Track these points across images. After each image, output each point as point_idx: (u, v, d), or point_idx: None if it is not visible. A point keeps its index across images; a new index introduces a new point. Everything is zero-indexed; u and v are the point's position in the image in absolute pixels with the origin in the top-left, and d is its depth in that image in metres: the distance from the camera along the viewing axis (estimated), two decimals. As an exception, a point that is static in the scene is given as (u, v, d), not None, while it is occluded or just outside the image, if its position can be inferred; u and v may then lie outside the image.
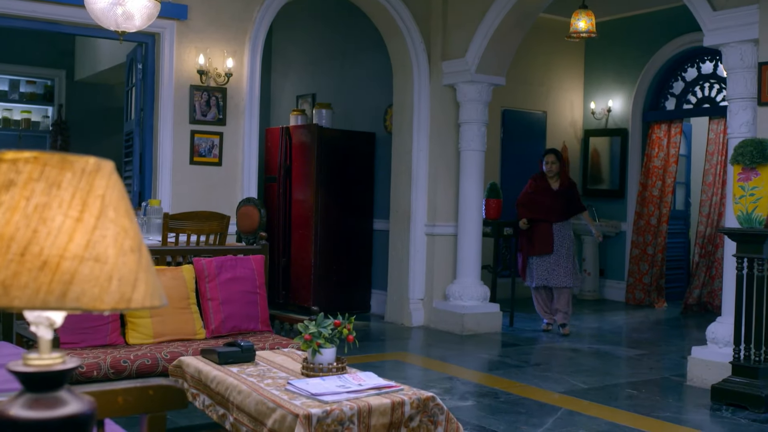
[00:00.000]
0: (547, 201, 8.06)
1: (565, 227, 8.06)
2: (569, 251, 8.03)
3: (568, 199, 8.12)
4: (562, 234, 8.01)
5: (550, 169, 8.15)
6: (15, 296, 1.13)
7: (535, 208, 8.11)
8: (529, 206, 8.18)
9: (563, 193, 8.14)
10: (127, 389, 1.75)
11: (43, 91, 11.94)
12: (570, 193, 8.17)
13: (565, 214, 8.08)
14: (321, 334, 3.43)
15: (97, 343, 4.36)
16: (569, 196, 8.16)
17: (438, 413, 3.19)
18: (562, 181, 8.19)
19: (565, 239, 8.01)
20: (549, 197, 8.08)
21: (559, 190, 8.15)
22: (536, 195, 8.16)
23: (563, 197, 8.10)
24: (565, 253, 7.97)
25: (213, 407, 3.46)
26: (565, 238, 8.01)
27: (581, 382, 6.00)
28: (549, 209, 8.03)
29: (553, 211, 8.02)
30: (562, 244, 7.98)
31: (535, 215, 8.08)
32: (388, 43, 8.62)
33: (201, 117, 7.27)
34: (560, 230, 8.01)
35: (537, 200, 8.12)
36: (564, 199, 8.08)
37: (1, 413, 1.21)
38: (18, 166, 1.20)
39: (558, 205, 8.04)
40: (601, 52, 10.82)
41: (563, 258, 7.95)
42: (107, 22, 5.14)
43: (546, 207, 8.05)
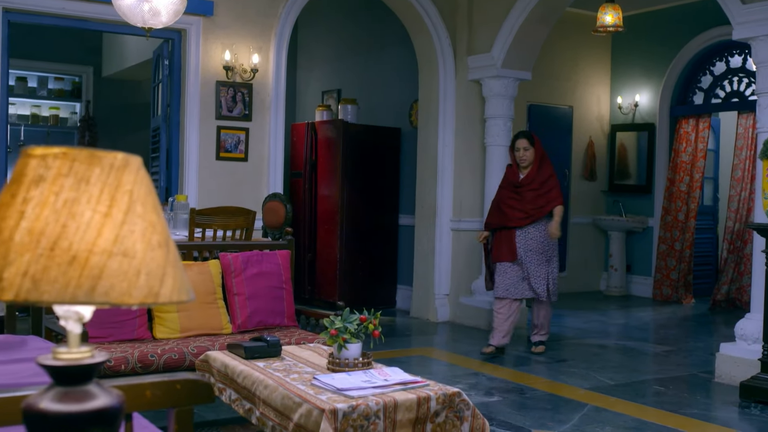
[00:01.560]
0: (508, 200, 6.68)
1: (536, 230, 6.59)
2: (543, 257, 6.61)
3: (539, 193, 6.60)
4: (530, 237, 6.58)
5: (522, 158, 6.65)
6: (45, 290, 1.14)
7: (495, 213, 6.80)
8: (492, 210, 6.92)
9: (530, 186, 6.61)
10: (155, 383, 1.76)
11: (71, 88, 12.04)
12: (542, 186, 6.63)
13: (532, 216, 6.56)
14: (347, 329, 3.44)
15: (125, 337, 4.40)
16: (541, 190, 6.62)
17: (464, 409, 3.19)
18: (530, 172, 6.64)
19: (536, 243, 6.57)
20: (509, 194, 6.70)
21: (523, 183, 6.63)
22: (501, 193, 6.83)
23: (529, 193, 6.60)
24: (536, 260, 6.57)
25: (239, 401, 3.48)
26: (535, 242, 6.57)
27: (608, 379, 5.96)
28: (508, 210, 6.66)
29: (511, 214, 6.62)
30: (530, 249, 6.58)
31: (493, 220, 6.79)
32: (413, 38, 8.61)
33: (227, 113, 7.30)
34: (528, 233, 6.59)
35: (500, 199, 6.79)
36: (531, 194, 6.59)
37: (31, 406, 1.22)
38: (47, 161, 1.21)
39: (519, 204, 6.60)
40: (628, 47, 10.73)
41: (534, 266, 6.57)
42: (134, 18, 5.17)
43: (506, 207, 6.68)
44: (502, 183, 6.86)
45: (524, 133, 6.75)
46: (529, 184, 6.59)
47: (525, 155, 6.61)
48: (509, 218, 6.61)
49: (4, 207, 1.20)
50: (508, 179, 6.78)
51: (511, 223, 6.58)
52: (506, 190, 6.72)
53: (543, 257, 6.58)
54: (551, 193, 6.60)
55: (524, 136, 6.67)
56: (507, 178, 6.80)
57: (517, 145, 6.67)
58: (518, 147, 6.65)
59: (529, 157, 6.61)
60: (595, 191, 10.93)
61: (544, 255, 6.59)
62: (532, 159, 6.61)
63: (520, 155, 6.63)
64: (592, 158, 10.83)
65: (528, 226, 6.57)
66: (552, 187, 6.63)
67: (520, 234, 6.58)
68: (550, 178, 6.63)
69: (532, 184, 6.58)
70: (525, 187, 6.60)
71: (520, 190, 6.61)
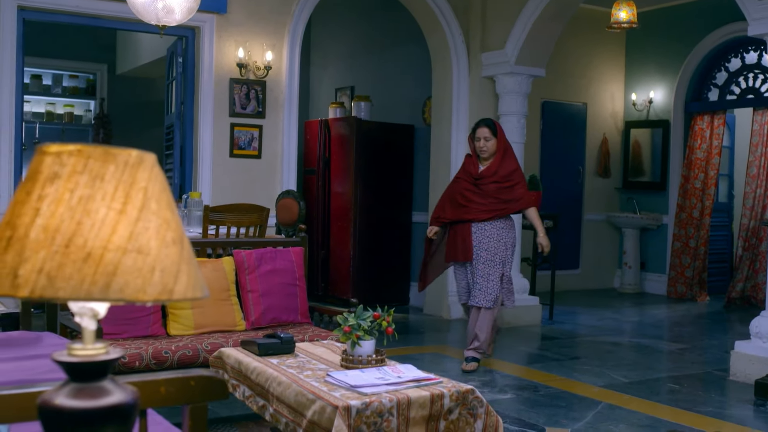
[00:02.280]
0: (466, 192, 6.00)
1: (493, 227, 5.93)
2: (496, 259, 5.91)
3: (502, 187, 5.95)
4: (486, 234, 5.92)
5: (482, 148, 5.97)
6: (60, 287, 1.15)
7: (448, 206, 6.10)
8: (443, 203, 6.19)
9: (491, 179, 5.96)
10: (169, 380, 1.76)
11: (85, 85, 12.09)
12: (505, 180, 5.96)
13: (494, 211, 5.91)
14: (360, 326, 3.44)
15: (139, 334, 4.41)
16: (504, 183, 5.96)
17: (477, 406, 3.19)
18: (492, 164, 5.99)
19: (489, 242, 5.91)
20: (468, 186, 6.02)
21: (483, 174, 5.97)
22: (458, 185, 6.13)
23: (491, 185, 5.95)
24: (484, 260, 5.89)
25: (253, 398, 3.49)
26: (489, 241, 5.91)
27: (622, 376, 5.95)
28: (466, 202, 5.98)
29: (470, 207, 5.95)
30: (482, 248, 5.92)
31: (446, 214, 6.09)
32: (427, 35, 8.59)
33: (240, 110, 7.31)
34: (483, 230, 5.93)
35: (456, 191, 6.09)
36: (493, 186, 5.94)
37: (47, 402, 1.23)
38: (62, 159, 1.22)
39: (479, 197, 5.94)
40: (642, 43, 10.69)
41: (480, 266, 5.90)
42: (148, 16, 5.19)
43: (463, 200, 6.00)
44: (459, 174, 6.18)
45: (486, 122, 6.06)
46: (490, 176, 5.93)
47: (486, 146, 5.95)
48: (468, 210, 5.94)
49: (20, 204, 1.21)
50: (466, 170, 6.09)
51: (469, 216, 5.91)
52: (464, 182, 6.04)
53: (495, 259, 5.88)
54: (516, 190, 5.95)
55: (486, 125, 6.00)
56: (465, 169, 6.11)
57: (477, 133, 6.02)
58: (479, 136, 5.99)
59: (491, 148, 5.95)
60: (609, 188, 10.90)
61: (497, 256, 5.90)
62: (493, 150, 5.96)
63: (481, 145, 5.97)
64: (606, 155, 10.79)
65: (485, 222, 5.92)
66: (517, 181, 5.97)
67: (476, 230, 5.94)
68: (514, 172, 5.98)
69: (493, 177, 5.93)
70: (485, 179, 5.95)
71: (480, 183, 5.95)
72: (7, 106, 6.43)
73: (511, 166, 5.97)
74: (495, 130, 5.97)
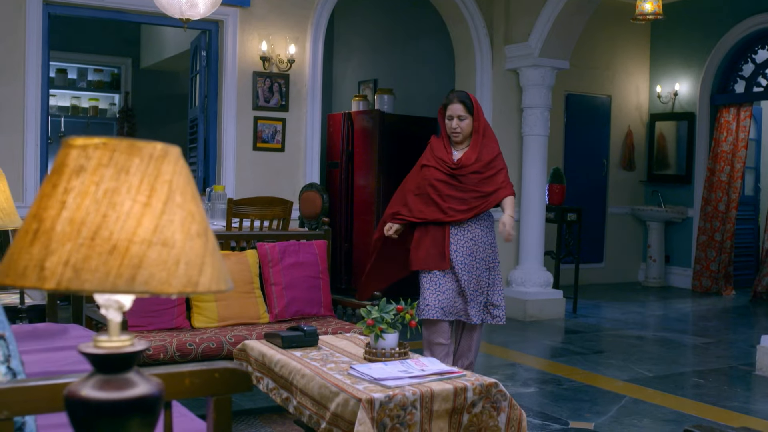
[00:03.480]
0: (440, 185, 4.76)
1: (479, 227, 4.80)
2: (484, 264, 4.79)
3: (484, 177, 4.77)
4: (470, 237, 4.77)
5: (455, 129, 4.79)
6: (86, 279, 1.15)
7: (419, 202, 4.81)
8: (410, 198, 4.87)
9: (471, 168, 4.76)
10: (194, 372, 1.77)
11: (110, 79, 12.17)
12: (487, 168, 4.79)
13: (476, 208, 4.75)
14: (383, 319, 3.44)
15: (164, 326, 4.44)
16: (485, 173, 4.79)
17: (501, 399, 3.18)
18: (469, 150, 4.80)
19: (476, 246, 4.77)
20: (443, 178, 4.77)
21: (462, 164, 4.77)
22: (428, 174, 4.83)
23: (472, 176, 4.76)
24: (477, 269, 4.76)
25: (277, 390, 3.50)
26: (475, 245, 4.77)
27: (646, 370, 5.91)
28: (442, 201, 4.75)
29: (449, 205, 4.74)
30: (468, 253, 4.75)
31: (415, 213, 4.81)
32: (450, 28, 8.57)
33: (264, 103, 7.33)
34: (467, 232, 4.78)
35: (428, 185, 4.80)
36: (474, 178, 4.76)
37: (73, 393, 1.24)
38: (88, 152, 1.22)
39: (459, 192, 4.75)
40: (667, 35, 10.59)
41: (472, 276, 4.75)
42: (172, 10, 5.21)
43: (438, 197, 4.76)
44: (427, 160, 4.89)
45: (459, 95, 4.82)
46: (470, 165, 4.76)
47: (460, 126, 4.77)
48: (444, 210, 4.75)
49: (46, 197, 1.21)
50: (437, 156, 4.85)
51: (446, 218, 4.73)
52: (436, 172, 4.80)
53: (483, 264, 4.80)
54: (498, 177, 4.82)
55: (459, 100, 4.78)
56: (435, 154, 4.86)
57: (449, 111, 4.80)
58: (450, 114, 4.79)
59: (465, 129, 4.78)
60: (633, 181, 10.82)
61: (485, 262, 4.80)
62: (469, 132, 4.80)
63: (453, 126, 4.78)
64: (631, 148, 10.72)
65: (468, 222, 4.78)
66: (499, 168, 4.85)
67: (456, 233, 4.77)
68: (496, 157, 4.84)
69: (474, 165, 4.76)
70: (464, 168, 4.76)
71: (458, 173, 4.76)
72: (33, 100, 6.49)
73: (492, 151, 4.83)
74: (471, 107, 4.78)
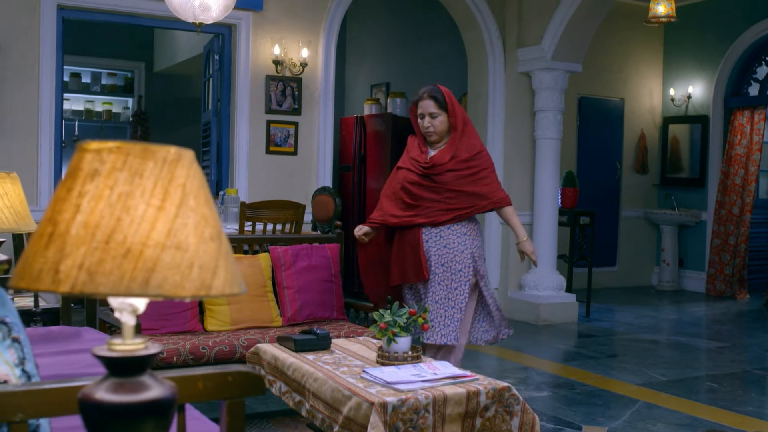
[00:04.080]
0: (412, 186, 4.35)
1: (455, 233, 4.32)
2: (460, 277, 4.28)
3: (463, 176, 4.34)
4: (445, 244, 4.30)
5: (427, 128, 4.36)
6: (100, 283, 1.16)
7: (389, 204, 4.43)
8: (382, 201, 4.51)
9: (446, 166, 4.32)
10: (207, 375, 1.77)
11: (123, 83, 12.22)
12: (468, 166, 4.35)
13: (458, 211, 4.31)
14: (396, 322, 3.43)
15: (177, 329, 4.45)
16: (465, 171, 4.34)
17: (514, 403, 3.17)
18: (445, 149, 4.36)
19: (452, 254, 4.28)
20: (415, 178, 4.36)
21: (435, 163, 4.33)
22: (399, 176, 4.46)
23: (448, 174, 4.32)
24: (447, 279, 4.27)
25: (289, 394, 3.50)
26: (451, 253, 4.28)
27: (660, 375, 5.89)
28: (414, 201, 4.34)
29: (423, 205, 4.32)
30: (441, 264, 4.29)
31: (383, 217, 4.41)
32: (463, 31, 8.56)
33: (276, 107, 7.34)
34: (440, 238, 4.31)
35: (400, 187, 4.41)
36: (451, 176, 4.32)
37: (87, 396, 1.24)
38: (102, 156, 1.23)
39: (434, 193, 4.32)
40: (680, 37, 10.56)
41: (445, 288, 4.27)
42: (185, 14, 5.23)
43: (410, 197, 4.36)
44: (402, 161, 4.50)
45: (431, 92, 4.36)
46: (444, 163, 4.31)
47: (433, 124, 4.33)
48: (417, 211, 4.33)
49: (61, 201, 1.22)
50: (410, 156, 4.44)
51: (419, 219, 4.30)
52: (408, 173, 4.40)
53: (458, 277, 4.27)
54: (484, 180, 4.40)
55: (430, 96, 4.34)
56: (409, 154, 4.47)
57: (420, 108, 4.37)
58: (422, 112, 4.36)
59: (439, 127, 4.34)
60: (646, 184, 10.78)
61: (461, 274, 4.28)
62: (444, 129, 4.36)
63: (426, 125, 4.35)
64: (644, 151, 10.68)
65: (442, 226, 4.32)
66: (483, 167, 4.41)
67: (428, 238, 4.32)
68: (478, 154, 4.39)
69: (449, 163, 4.31)
70: (438, 167, 4.31)
71: (431, 173, 4.32)
72: (48, 104, 6.52)
73: (472, 148, 4.38)
74: (443, 102, 4.33)
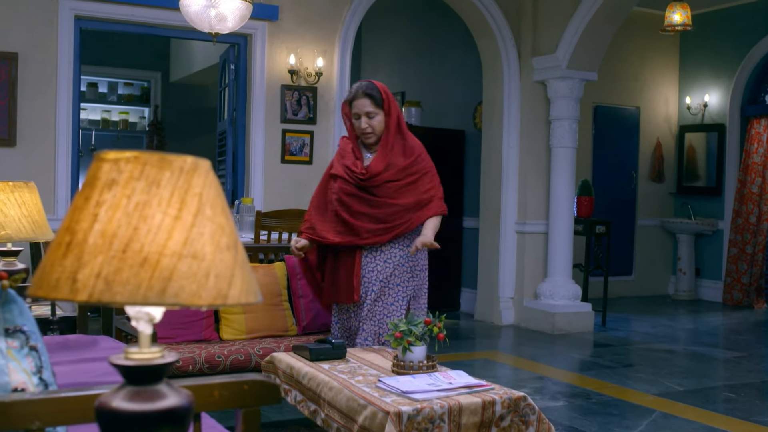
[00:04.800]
0: (350, 200, 4.00)
1: (399, 248, 4.06)
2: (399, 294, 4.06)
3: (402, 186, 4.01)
4: (386, 259, 4.04)
5: (364, 129, 3.96)
6: (117, 291, 1.16)
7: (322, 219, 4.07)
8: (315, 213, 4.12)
9: (384, 176, 3.97)
10: (223, 384, 1.78)
11: (139, 93, 12.28)
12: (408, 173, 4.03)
13: (398, 227, 3.98)
14: (411, 332, 3.43)
15: (192, 338, 4.46)
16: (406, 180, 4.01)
17: (529, 413, 3.16)
18: (381, 152, 3.97)
19: (396, 271, 4.05)
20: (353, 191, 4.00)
21: (373, 173, 3.97)
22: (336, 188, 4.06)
23: (388, 186, 3.98)
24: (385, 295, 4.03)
25: (305, 403, 3.50)
26: (398, 271, 4.06)
27: (676, 384, 5.85)
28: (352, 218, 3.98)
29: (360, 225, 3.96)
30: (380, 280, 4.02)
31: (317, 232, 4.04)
32: (477, 40, 8.57)
33: (292, 116, 7.36)
34: (382, 255, 4.04)
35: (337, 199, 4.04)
36: (392, 188, 3.99)
37: (104, 405, 1.25)
38: (119, 165, 1.23)
39: (373, 208, 3.98)
40: (696, 46, 10.53)
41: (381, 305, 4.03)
42: (201, 24, 5.25)
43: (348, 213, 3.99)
44: (334, 168, 4.06)
45: (366, 89, 3.93)
46: (382, 172, 3.94)
47: (371, 125, 3.93)
48: (356, 232, 3.97)
49: (78, 210, 1.23)
50: (344, 164, 4.02)
51: (359, 241, 3.96)
52: (345, 185, 3.99)
53: (397, 295, 4.05)
54: (423, 182, 4.06)
55: (366, 93, 3.91)
56: (342, 161, 4.04)
57: (355, 107, 3.94)
58: (357, 112, 3.94)
59: (378, 128, 3.94)
60: (662, 193, 10.74)
61: (400, 291, 4.06)
62: (382, 129, 3.95)
63: (363, 126, 3.94)
64: (660, 160, 10.65)
65: (388, 245, 4.03)
66: (425, 171, 4.09)
67: (369, 260, 4.02)
68: (417, 158, 4.05)
69: (385, 174, 3.95)
70: (376, 178, 3.94)
71: (369, 184, 3.95)
72: (65, 114, 6.56)
73: (410, 151, 4.02)
74: (381, 100, 3.92)
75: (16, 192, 3.46)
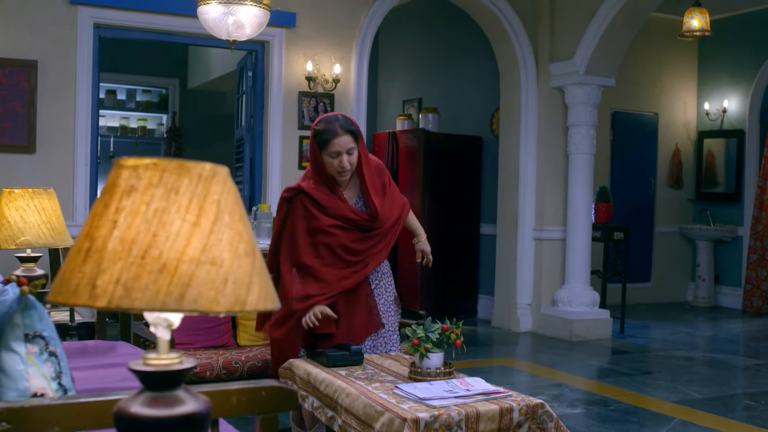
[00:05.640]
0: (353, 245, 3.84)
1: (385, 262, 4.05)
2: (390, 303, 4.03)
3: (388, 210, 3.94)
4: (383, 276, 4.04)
5: (345, 167, 3.74)
6: (136, 298, 1.17)
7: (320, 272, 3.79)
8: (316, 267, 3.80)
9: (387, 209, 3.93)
10: (241, 390, 1.78)
11: (158, 100, 12.35)
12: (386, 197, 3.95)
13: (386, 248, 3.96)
14: (429, 338, 3.43)
15: (210, 344, 4.47)
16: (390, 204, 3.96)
17: (547, 420, 3.15)
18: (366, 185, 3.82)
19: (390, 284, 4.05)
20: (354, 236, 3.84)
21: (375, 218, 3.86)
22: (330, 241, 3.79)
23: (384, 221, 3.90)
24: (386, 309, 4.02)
25: (322, 409, 3.50)
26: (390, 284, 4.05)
27: (695, 392, 5.81)
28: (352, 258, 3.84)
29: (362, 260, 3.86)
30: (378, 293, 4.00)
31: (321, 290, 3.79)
32: (495, 46, 8.56)
33: (309, 123, 7.38)
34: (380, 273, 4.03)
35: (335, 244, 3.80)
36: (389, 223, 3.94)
37: (123, 410, 1.25)
38: (138, 172, 1.24)
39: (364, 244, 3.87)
40: (715, 51, 10.48)
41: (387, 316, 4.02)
42: (219, 31, 5.28)
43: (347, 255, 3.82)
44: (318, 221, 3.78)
45: (343, 124, 3.72)
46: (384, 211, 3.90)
47: (351, 162, 3.75)
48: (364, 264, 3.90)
49: (98, 217, 1.24)
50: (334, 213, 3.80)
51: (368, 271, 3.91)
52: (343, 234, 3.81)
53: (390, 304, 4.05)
54: (395, 187, 4.05)
55: (346, 130, 3.71)
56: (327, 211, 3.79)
57: (333, 146, 3.70)
58: (337, 150, 3.70)
59: (355, 163, 3.77)
60: (681, 199, 10.69)
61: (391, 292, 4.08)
62: (355, 164, 3.79)
63: (344, 165, 3.73)
64: (679, 166, 10.60)
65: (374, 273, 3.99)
66: (388, 175, 4.01)
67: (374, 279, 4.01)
68: (381, 168, 3.97)
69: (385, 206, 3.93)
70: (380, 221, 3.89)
71: (374, 225, 3.88)
72: (84, 121, 6.61)
73: (376, 167, 3.93)
74: (357, 134, 3.77)
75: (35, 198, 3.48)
